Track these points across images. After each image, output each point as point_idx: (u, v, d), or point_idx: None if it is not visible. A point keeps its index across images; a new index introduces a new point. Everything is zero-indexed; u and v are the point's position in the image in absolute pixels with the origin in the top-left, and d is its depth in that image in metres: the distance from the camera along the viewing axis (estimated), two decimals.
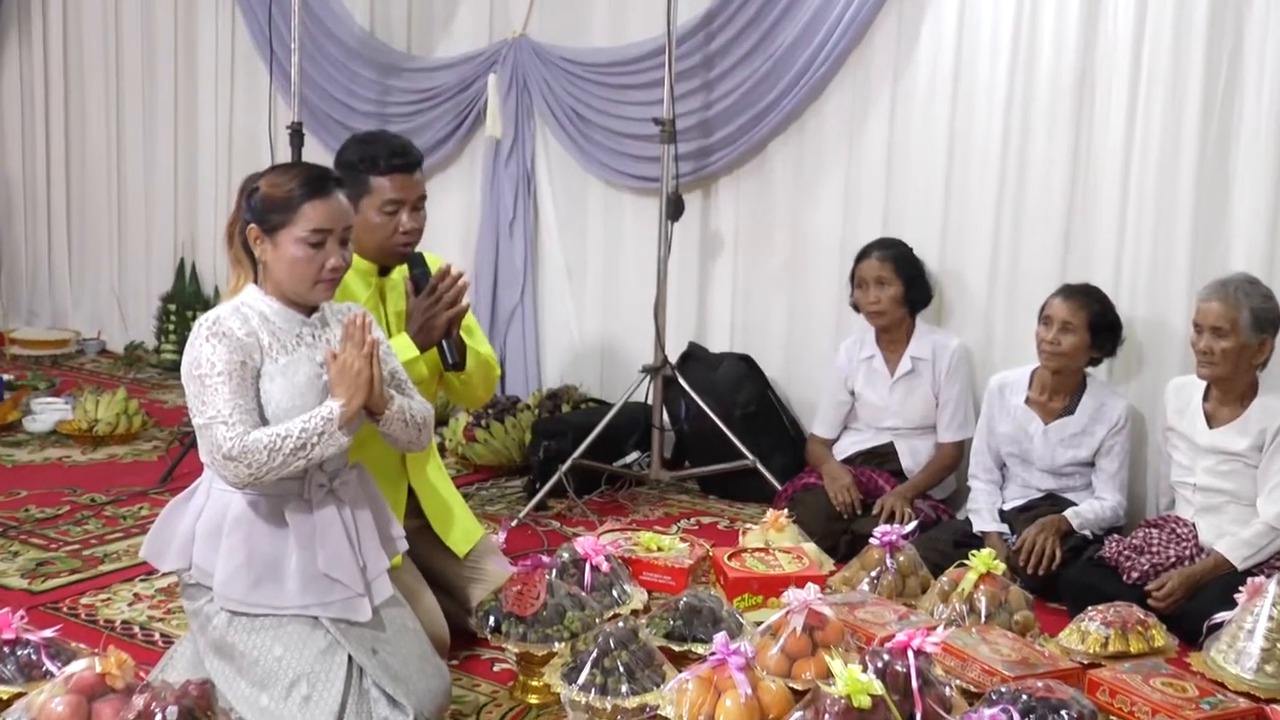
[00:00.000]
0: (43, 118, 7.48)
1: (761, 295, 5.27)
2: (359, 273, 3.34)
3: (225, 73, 6.74)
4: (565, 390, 5.45)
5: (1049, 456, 4.15)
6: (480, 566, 3.47)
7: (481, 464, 5.14)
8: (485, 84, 5.71)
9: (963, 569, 3.43)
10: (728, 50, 5.09)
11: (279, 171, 2.87)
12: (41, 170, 7.54)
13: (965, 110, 4.67)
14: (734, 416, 4.90)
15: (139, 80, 7.06)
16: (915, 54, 4.77)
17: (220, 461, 2.68)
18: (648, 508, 4.80)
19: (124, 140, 7.18)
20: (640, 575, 3.63)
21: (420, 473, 3.47)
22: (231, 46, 6.70)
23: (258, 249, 2.82)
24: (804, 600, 2.96)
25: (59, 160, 7.46)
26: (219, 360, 2.69)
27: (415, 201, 3.38)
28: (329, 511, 2.80)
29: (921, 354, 4.52)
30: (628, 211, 5.55)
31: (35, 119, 7.51)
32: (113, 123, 7.20)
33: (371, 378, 2.76)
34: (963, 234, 4.71)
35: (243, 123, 6.67)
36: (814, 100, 5.00)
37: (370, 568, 2.86)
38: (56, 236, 7.56)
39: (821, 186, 5.05)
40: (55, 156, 7.47)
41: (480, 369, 3.53)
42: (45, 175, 7.53)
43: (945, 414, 4.51)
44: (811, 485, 4.50)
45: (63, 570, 3.95)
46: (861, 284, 4.53)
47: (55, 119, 7.43)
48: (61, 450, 5.28)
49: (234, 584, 2.75)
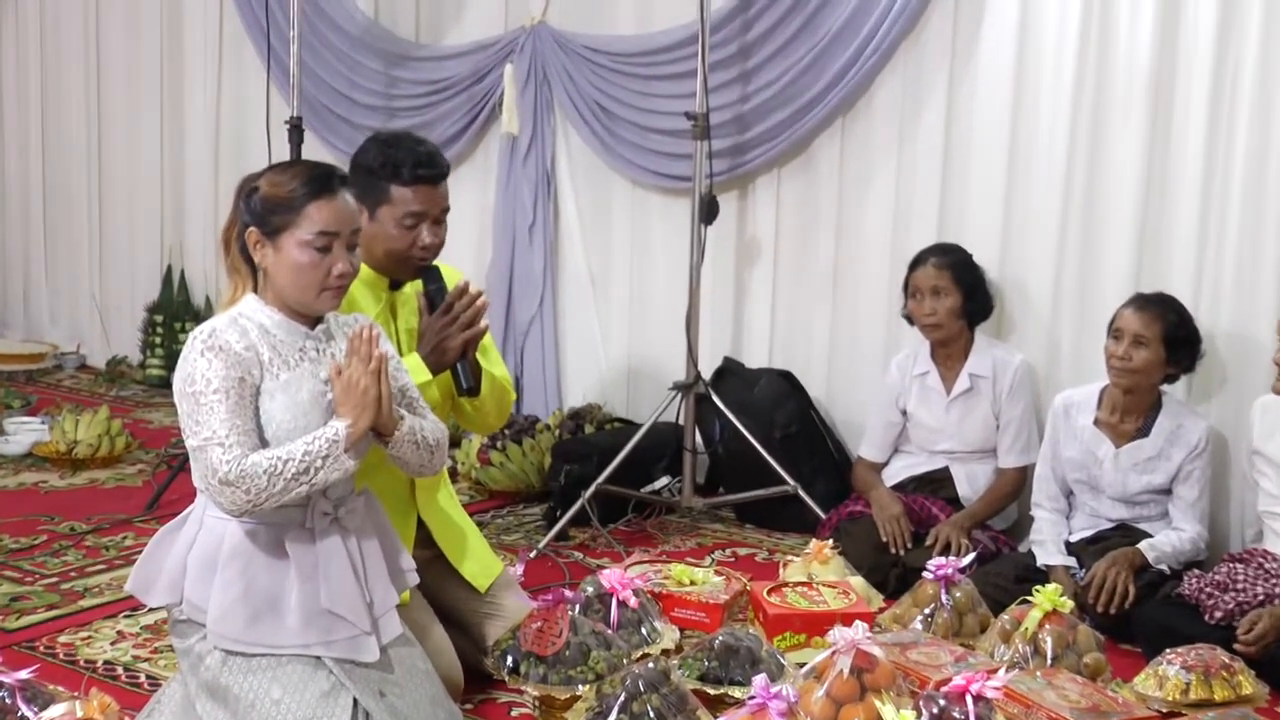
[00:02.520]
0: (16, 111, 7.53)
1: (804, 306, 5.28)
2: (367, 285, 3.36)
3: (215, 63, 6.78)
4: (589, 409, 5.47)
5: (1120, 483, 4.14)
6: (497, 602, 3.48)
7: (497, 490, 5.16)
8: (501, 75, 5.74)
9: (1026, 606, 3.43)
10: (767, 38, 5.10)
11: (279, 170, 2.90)
12: (15, 168, 7.60)
13: (1029, 104, 4.67)
14: (773, 438, 4.91)
15: (122, 71, 7.11)
16: (974, 42, 4.78)
17: (215, 487, 2.70)
18: (679, 538, 4.81)
19: (105, 136, 7.24)
20: (671, 612, 3.63)
21: (431, 500, 3.49)
22: (220, 35, 6.75)
23: (257, 254, 2.84)
24: (851, 640, 2.96)
25: (35, 157, 7.51)
26: (215, 376, 2.71)
27: (438, 215, 3.40)
28: (333, 542, 2.81)
29: (981, 371, 4.52)
30: (657, 214, 5.56)
31: (6, 112, 7.57)
32: (93, 117, 7.25)
33: (379, 395, 2.78)
34: (1026, 239, 4.71)
35: (235, 118, 6.72)
36: (862, 93, 5.01)
37: (378, 603, 2.87)
38: (32, 240, 7.61)
39: (870, 187, 5.06)
40: (31, 153, 7.52)
41: (495, 393, 3.54)
42: (19, 173, 7.59)
43: (1006, 436, 4.51)
44: (858, 514, 4.50)
45: (39, 606, 3.97)
46: (915, 294, 4.54)
47: (30, 112, 7.49)
48: (38, 474, 5.32)
49: (229, 620, 2.77)
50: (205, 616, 2.78)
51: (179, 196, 7.04)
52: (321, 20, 6.17)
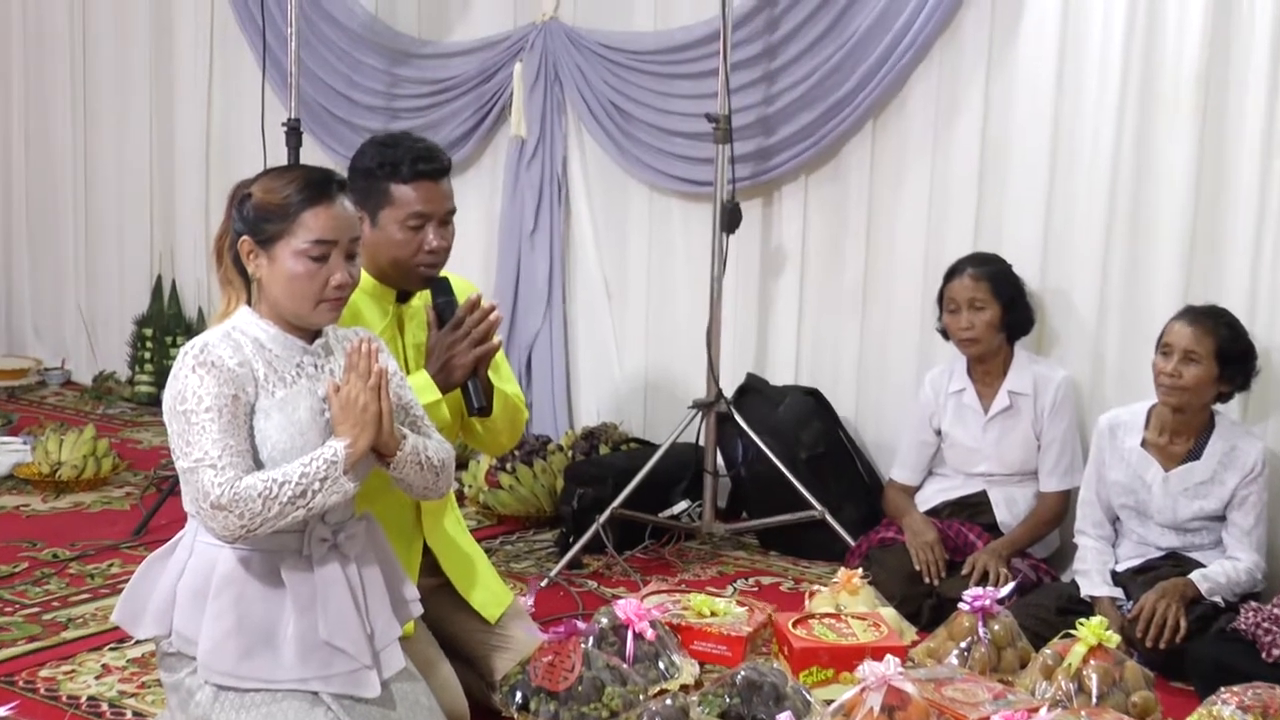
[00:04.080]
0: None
1: (832, 319, 5.28)
2: (373, 298, 3.36)
3: (206, 62, 6.82)
4: (603, 429, 5.47)
5: (1170, 509, 4.13)
6: (506, 633, 3.48)
7: (506, 514, 5.16)
8: (510, 74, 5.76)
9: (1070, 640, 3.41)
10: (794, 36, 5.11)
11: (274, 175, 2.90)
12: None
13: (1071, 105, 4.66)
14: (799, 460, 4.91)
15: (109, 70, 7.14)
16: (1013, 40, 4.77)
17: (207, 511, 2.70)
18: (699, 566, 4.80)
19: (91, 138, 7.26)
20: (691, 644, 3.63)
21: (437, 525, 3.49)
22: (212, 32, 6.78)
23: (251, 265, 2.84)
24: (882, 675, 2.95)
25: (17, 161, 7.55)
26: (207, 394, 2.72)
27: (443, 215, 3.40)
28: (332, 570, 2.81)
29: (1021, 388, 4.52)
30: (676, 221, 5.57)
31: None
32: (79, 118, 7.28)
33: (379, 413, 2.78)
34: (1069, 248, 4.70)
35: (229, 120, 6.74)
36: (894, 94, 5.02)
37: (379, 635, 2.87)
38: (14, 248, 7.64)
39: (903, 193, 5.06)
40: (12, 157, 7.56)
41: (507, 413, 3.54)
42: (1, 182, 7.62)
43: (1048, 458, 4.50)
44: (890, 541, 4.49)
45: (19, 638, 3.97)
46: (951, 307, 4.53)
47: (12, 113, 7.52)
48: (18, 498, 5.33)
49: (221, 653, 2.77)
50: (196, 649, 2.78)
51: (169, 203, 7.06)
52: (320, 16, 6.20)
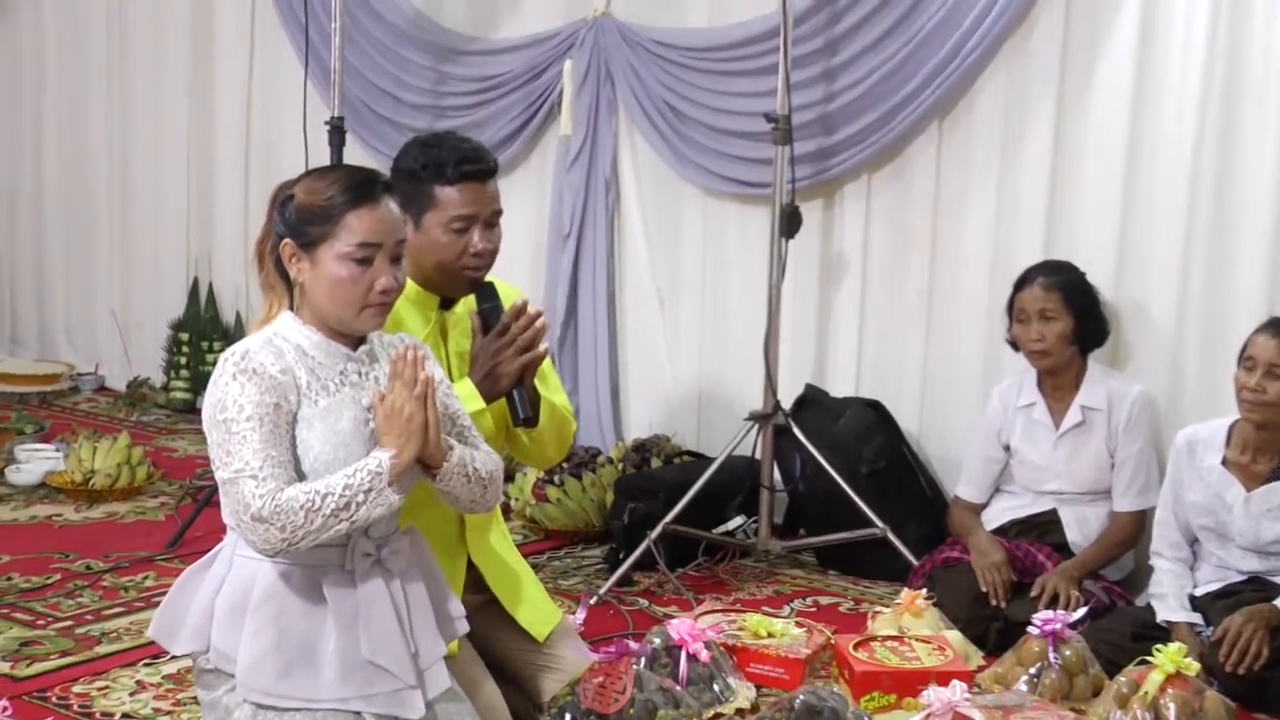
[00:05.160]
0: (30, 109, 7.65)
1: (895, 328, 5.27)
2: (416, 304, 3.36)
3: (247, 59, 6.88)
4: (655, 441, 5.47)
5: (1252, 531, 4.09)
6: (554, 653, 3.47)
7: (554, 528, 5.17)
8: (559, 71, 5.77)
9: (1146, 667, 3.39)
10: (856, 32, 5.11)
11: (317, 176, 2.91)
12: (29, 171, 7.71)
13: (1151, 104, 4.64)
14: (860, 475, 4.90)
15: (146, 66, 7.21)
16: (1089, 36, 4.75)
17: (248, 523, 2.70)
18: (755, 584, 4.80)
19: (128, 137, 7.33)
20: (747, 667, 3.63)
21: (482, 540, 3.48)
22: (253, 28, 6.83)
23: (293, 269, 2.85)
24: (947, 701, 2.95)
25: (50, 160, 7.62)
26: (248, 402, 2.72)
27: (489, 217, 3.40)
28: (375, 586, 2.81)
29: (1094, 403, 4.49)
30: (731, 225, 5.57)
31: (22, 109, 7.68)
32: (115, 117, 7.35)
33: (425, 423, 2.78)
34: (1146, 256, 4.68)
35: (269, 119, 6.79)
36: (962, 93, 5.01)
37: (424, 654, 2.87)
38: (47, 250, 7.71)
39: (970, 197, 5.05)
40: (46, 155, 7.64)
41: (554, 425, 3.54)
42: (33, 177, 7.70)
43: (1122, 476, 4.48)
44: (954, 560, 4.48)
45: (52, 652, 4.00)
46: (1021, 317, 4.51)
47: (46, 111, 7.60)
48: (51, 507, 5.38)
49: (260, 671, 2.77)
50: (234, 666, 2.79)
51: (207, 203, 7.11)
52: (364, 12, 6.22)
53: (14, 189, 7.77)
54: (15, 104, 7.69)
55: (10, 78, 7.69)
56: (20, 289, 7.85)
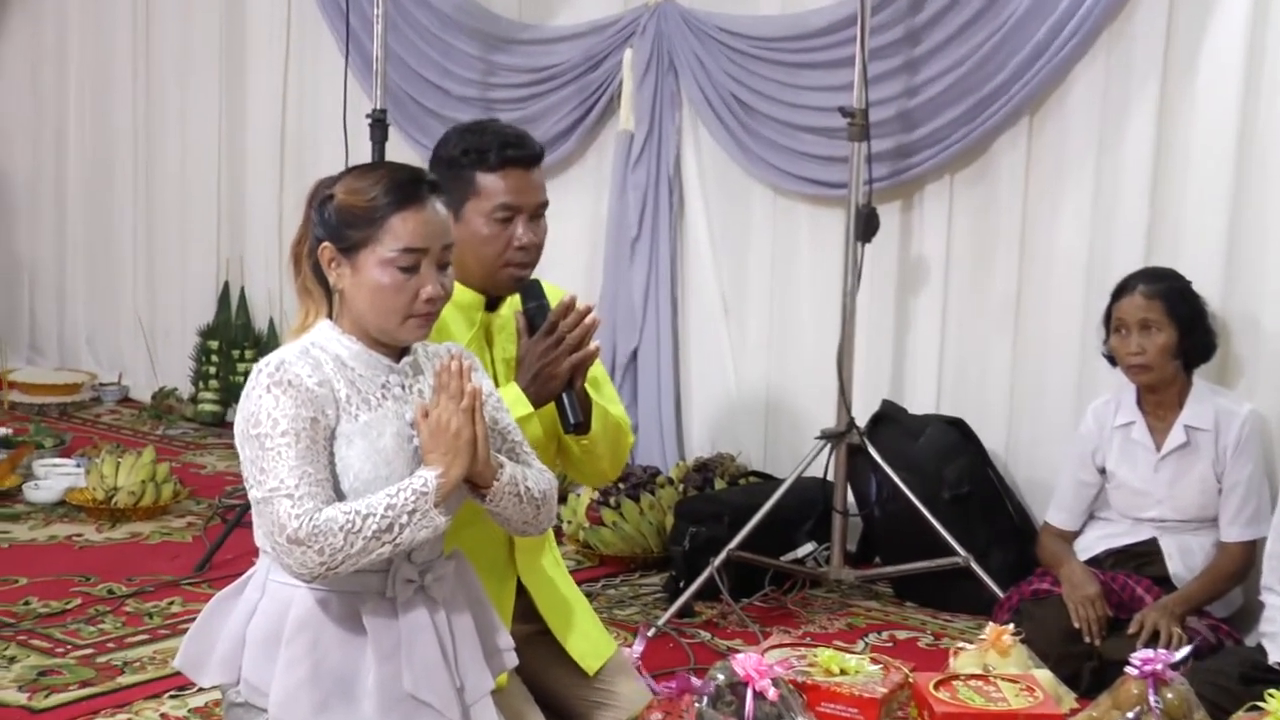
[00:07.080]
0: (54, 103, 7.73)
1: (979, 340, 5.26)
2: (459, 307, 3.35)
3: (282, 48, 6.94)
4: (718, 460, 5.46)
5: None
6: (609, 688, 3.47)
7: (609, 554, 5.18)
8: (619, 62, 5.78)
9: (1257, 714, 3.35)
10: (940, 21, 5.10)
11: (359, 174, 2.91)
12: (49, 168, 7.79)
13: (1264, 100, 4.61)
14: (940, 499, 4.89)
15: (174, 56, 7.27)
16: (1196, 26, 4.73)
17: (283, 545, 2.70)
18: (826, 617, 4.80)
19: (154, 133, 7.39)
20: (818, 706, 3.59)
21: (533, 565, 3.48)
22: (289, 15, 6.89)
23: (332, 274, 2.85)
24: None
25: (73, 156, 7.70)
26: (283, 417, 2.73)
27: (534, 208, 3.39)
28: (419, 615, 2.81)
29: (1200, 423, 4.45)
30: (803, 227, 5.57)
31: (44, 103, 7.77)
32: (140, 111, 7.42)
33: (474, 438, 2.78)
34: (1257, 264, 4.66)
35: (306, 112, 6.84)
36: (1054, 87, 4.99)
37: (469, 689, 2.87)
38: (69, 253, 7.79)
39: (1063, 198, 5.03)
40: (68, 152, 7.72)
41: (608, 435, 3.52)
42: (54, 175, 7.78)
43: (1230, 504, 4.43)
44: (1044, 593, 4.45)
45: (71, 682, 4.03)
46: (1120, 328, 4.47)
47: (68, 106, 7.67)
48: (71, 526, 5.41)
49: (294, 705, 2.77)
50: (266, 700, 2.79)
51: (239, 203, 7.15)
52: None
53: (34, 185, 7.84)
54: (36, 95, 7.77)
55: (31, 68, 7.78)
56: (40, 293, 7.91)
